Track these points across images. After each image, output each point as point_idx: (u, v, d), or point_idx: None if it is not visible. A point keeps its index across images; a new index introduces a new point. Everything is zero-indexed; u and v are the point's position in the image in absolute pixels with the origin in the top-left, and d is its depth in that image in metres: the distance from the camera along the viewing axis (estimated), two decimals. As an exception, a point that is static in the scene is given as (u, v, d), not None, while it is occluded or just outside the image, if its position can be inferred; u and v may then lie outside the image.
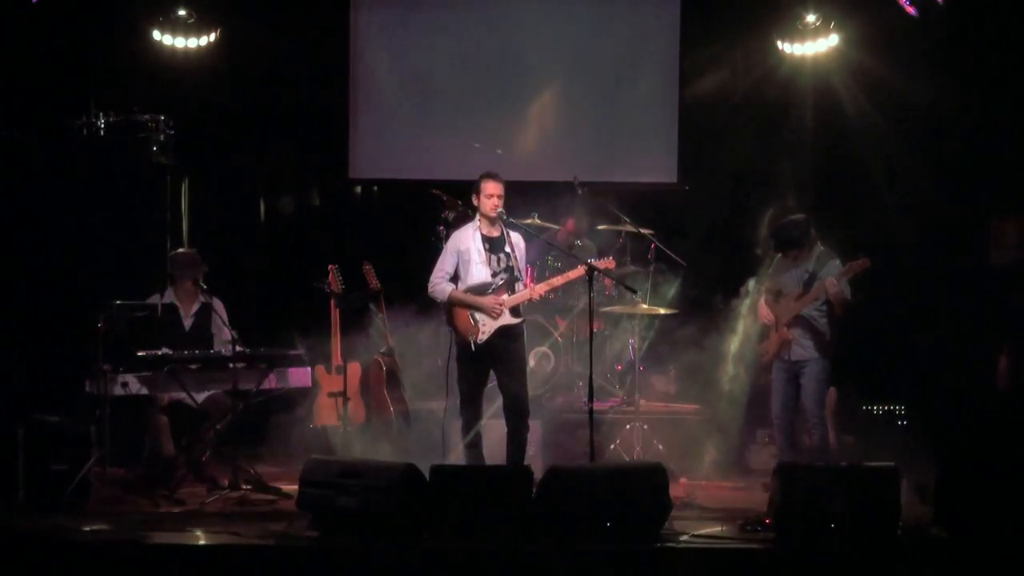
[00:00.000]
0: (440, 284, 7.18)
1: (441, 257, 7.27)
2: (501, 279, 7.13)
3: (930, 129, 9.11)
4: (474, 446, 7.14)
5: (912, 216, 9.19)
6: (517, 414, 7.08)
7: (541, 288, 7.15)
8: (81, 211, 8.45)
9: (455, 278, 7.22)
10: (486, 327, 7.05)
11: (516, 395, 7.08)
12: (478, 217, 7.22)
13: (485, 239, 7.18)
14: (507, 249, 7.20)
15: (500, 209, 7.11)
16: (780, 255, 7.62)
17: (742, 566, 6.00)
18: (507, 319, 7.08)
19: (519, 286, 7.16)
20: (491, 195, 7.11)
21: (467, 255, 7.15)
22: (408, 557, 5.92)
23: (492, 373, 7.20)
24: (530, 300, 7.17)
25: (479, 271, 7.14)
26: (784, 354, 7.46)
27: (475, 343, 7.05)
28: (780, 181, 9.25)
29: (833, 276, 7.23)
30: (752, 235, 9.00)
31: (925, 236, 9.17)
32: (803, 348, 7.41)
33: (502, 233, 7.22)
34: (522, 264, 7.26)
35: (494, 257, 7.18)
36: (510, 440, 7.09)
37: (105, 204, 8.57)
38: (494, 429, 7.38)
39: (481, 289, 7.12)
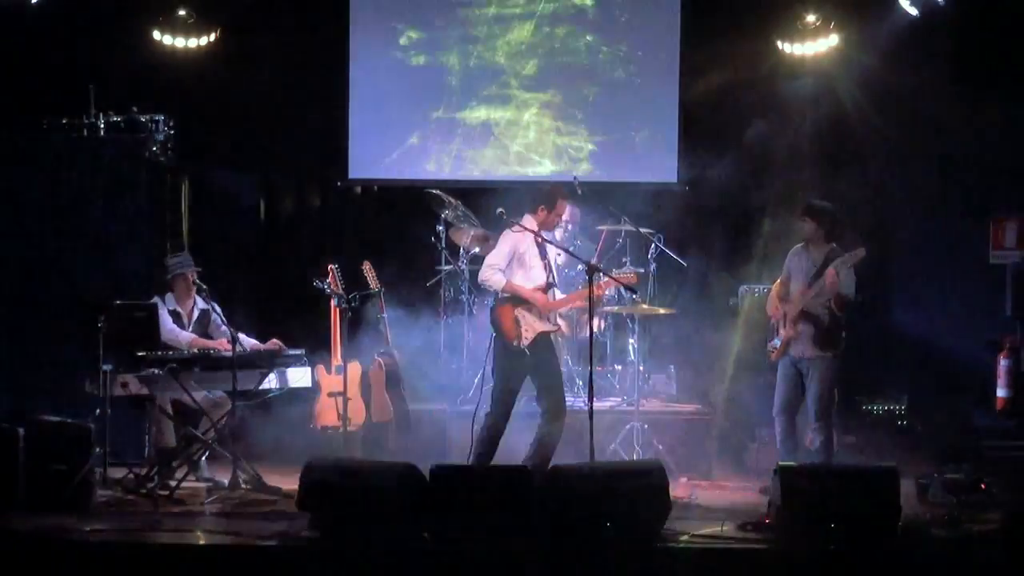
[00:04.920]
0: (495, 274, 7.09)
1: (496, 250, 7.20)
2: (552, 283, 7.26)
3: (930, 129, 9.10)
4: (491, 446, 7.10)
5: (912, 216, 9.19)
6: (556, 417, 7.08)
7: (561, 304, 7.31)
8: (81, 211, 8.45)
9: None
10: (528, 332, 7.05)
11: (556, 399, 7.12)
12: (531, 224, 7.18)
13: (538, 246, 7.24)
14: (549, 257, 7.31)
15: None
16: (792, 250, 7.59)
17: (742, 566, 6.00)
18: (548, 325, 7.14)
19: (557, 292, 7.26)
20: (561, 215, 7.37)
21: (524, 258, 7.16)
22: (408, 557, 5.92)
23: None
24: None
25: (539, 275, 7.20)
26: (789, 350, 7.43)
27: (518, 345, 7.05)
28: (780, 181, 9.24)
29: (833, 266, 7.20)
30: (752, 235, 9.01)
31: (925, 236, 9.18)
32: (805, 345, 7.38)
33: (543, 242, 7.27)
34: (557, 273, 7.39)
35: (545, 263, 7.26)
36: (542, 443, 7.06)
37: (105, 204, 8.56)
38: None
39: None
